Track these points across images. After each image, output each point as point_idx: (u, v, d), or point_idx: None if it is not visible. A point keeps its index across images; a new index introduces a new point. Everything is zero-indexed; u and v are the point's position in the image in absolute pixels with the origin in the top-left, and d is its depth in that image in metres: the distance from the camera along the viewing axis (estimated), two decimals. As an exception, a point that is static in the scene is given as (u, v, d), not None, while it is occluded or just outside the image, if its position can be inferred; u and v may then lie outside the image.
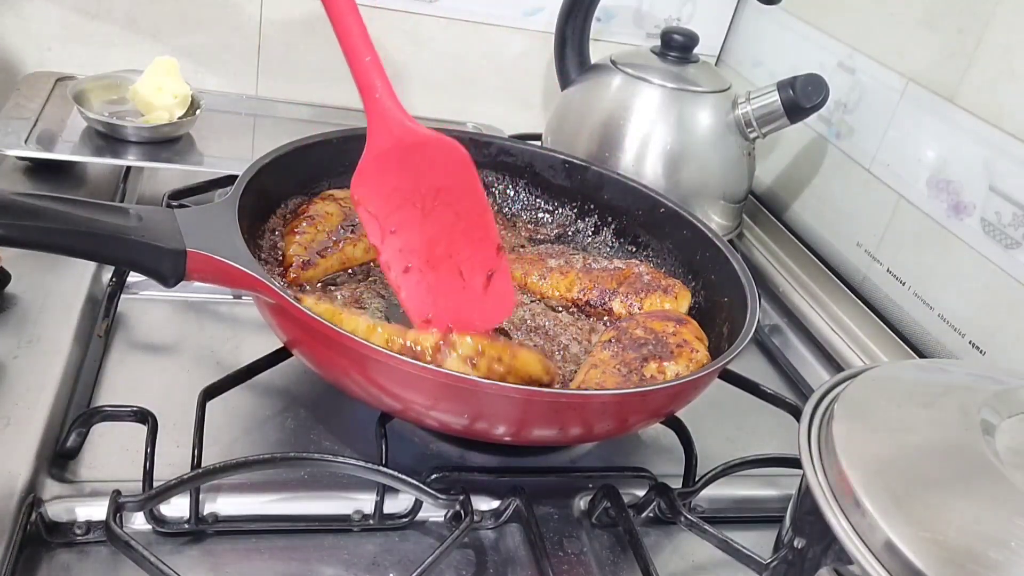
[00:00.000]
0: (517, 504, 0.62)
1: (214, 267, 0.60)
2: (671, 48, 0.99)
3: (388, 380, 0.58)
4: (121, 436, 0.62)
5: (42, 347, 0.67)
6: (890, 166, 0.94)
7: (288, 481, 0.62)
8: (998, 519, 0.42)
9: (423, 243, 0.65)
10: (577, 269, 0.80)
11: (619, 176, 0.88)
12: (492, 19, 1.15)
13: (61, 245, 0.56)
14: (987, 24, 0.83)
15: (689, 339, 0.70)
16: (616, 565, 0.62)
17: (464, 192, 0.65)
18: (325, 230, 0.75)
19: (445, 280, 0.66)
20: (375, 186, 0.64)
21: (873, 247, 0.95)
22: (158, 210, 0.63)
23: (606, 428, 0.63)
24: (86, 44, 1.04)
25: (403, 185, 0.64)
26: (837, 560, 0.45)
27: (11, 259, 0.74)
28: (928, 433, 0.48)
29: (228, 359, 0.73)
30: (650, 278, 0.79)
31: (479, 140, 0.90)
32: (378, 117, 0.63)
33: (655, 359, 0.67)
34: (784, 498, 0.68)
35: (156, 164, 0.90)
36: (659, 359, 0.67)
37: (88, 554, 0.55)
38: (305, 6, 1.07)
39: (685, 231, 0.82)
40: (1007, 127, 0.80)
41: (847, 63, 1.01)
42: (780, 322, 0.96)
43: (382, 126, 0.63)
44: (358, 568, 0.58)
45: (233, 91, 1.09)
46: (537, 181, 0.91)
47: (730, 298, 0.74)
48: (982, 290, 0.81)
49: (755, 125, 0.95)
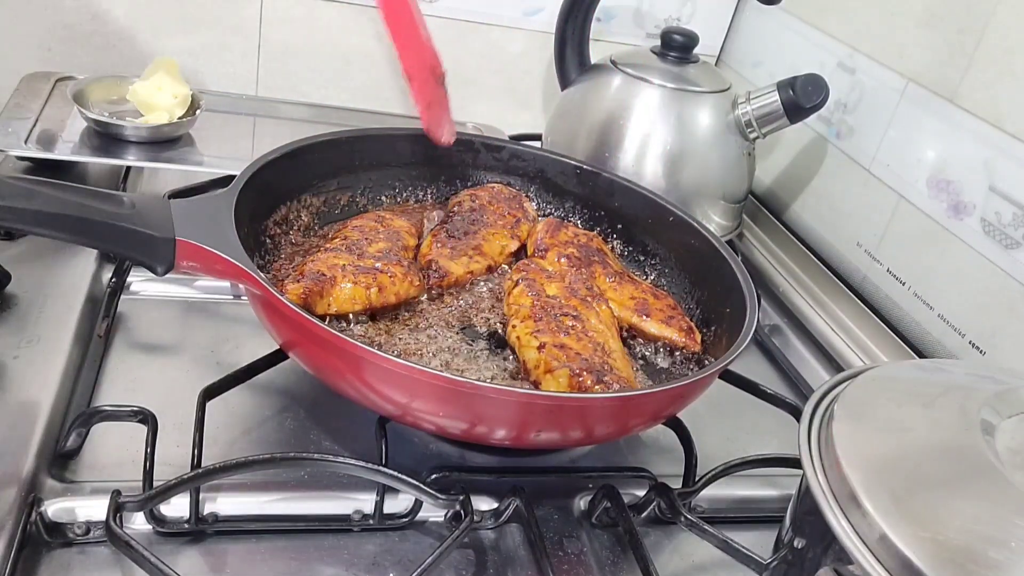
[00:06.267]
0: (517, 504, 0.62)
1: (204, 257, 0.60)
2: (671, 48, 0.99)
3: (383, 383, 0.58)
4: (121, 436, 0.62)
5: (42, 347, 0.67)
6: (890, 166, 0.94)
7: (288, 481, 0.62)
8: (998, 519, 0.42)
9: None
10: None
11: (630, 183, 0.88)
12: (492, 19, 1.15)
13: (52, 229, 0.56)
14: (987, 24, 0.83)
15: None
16: (616, 565, 0.62)
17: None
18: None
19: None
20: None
21: (873, 247, 0.95)
22: (152, 199, 0.63)
23: (606, 431, 0.63)
24: (86, 44, 1.04)
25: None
26: (837, 560, 0.45)
27: (11, 259, 0.74)
28: (928, 433, 0.48)
29: (228, 359, 0.73)
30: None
31: (490, 144, 0.90)
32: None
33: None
34: (784, 498, 0.68)
35: (156, 164, 0.90)
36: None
37: (88, 554, 0.55)
38: (305, 6, 1.07)
39: (693, 240, 0.82)
40: (1007, 127, 0.80)
41: (847, 63, 1.01)
42: (780, 322, 0.96)
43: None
44: (358, 568, 0.58)
45: (233, 91, 1.09)
46: (548, 186, 0.91)
47: (731, 306, 0.74)
48: (982, 290, 0.81)
49: (755, 125, 0.95)
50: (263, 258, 0.73)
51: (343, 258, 0.71)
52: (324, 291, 0.67)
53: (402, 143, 0.87)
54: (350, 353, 0.56)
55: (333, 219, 0.83)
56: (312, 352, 0.61)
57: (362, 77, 1.13)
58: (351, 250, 0.73)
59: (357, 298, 0.69)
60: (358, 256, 0.72)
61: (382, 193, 0.87)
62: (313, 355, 0.62)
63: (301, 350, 0.63)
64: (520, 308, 0.72)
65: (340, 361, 0.58)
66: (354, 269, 0.70)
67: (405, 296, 0.72)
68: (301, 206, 0.80)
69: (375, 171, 0.86)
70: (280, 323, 0.62)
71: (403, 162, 0.87)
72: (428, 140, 0.84)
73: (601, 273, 0.81)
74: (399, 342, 0.69)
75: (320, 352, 0.60)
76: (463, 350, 0.70)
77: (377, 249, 0.74)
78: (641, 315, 0.77)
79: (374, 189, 0.86)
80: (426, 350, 0.69)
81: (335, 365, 0.60)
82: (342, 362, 0.58)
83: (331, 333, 0.56)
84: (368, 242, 0.74)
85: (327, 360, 0.60)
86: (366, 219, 0.79)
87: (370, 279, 0.70)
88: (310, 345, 0.60)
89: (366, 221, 0.78)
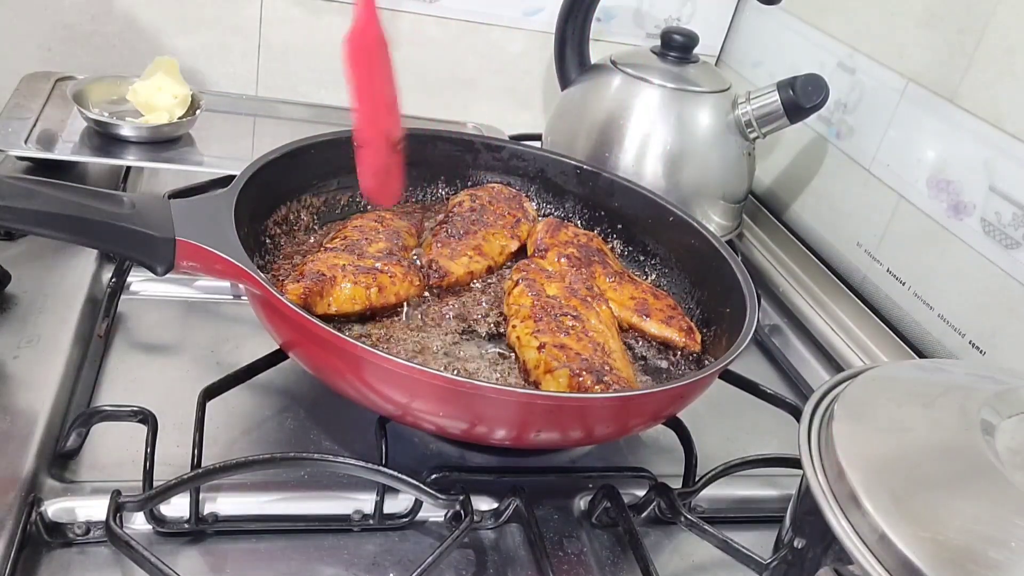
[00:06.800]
0: (517, 504, 0.62)
1: (204, 257, 0.60)
2: (671, 48, 0.99)
3: (383, 383, 0.58)
4: (121, 436, 0.62)
5: (42, 347, 0.67)
6: (890, 166, 0.94)
7: (288, 481, 0.61)
8: (998, 519, 0.42)
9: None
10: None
11: (630, 183, 0.88)
12: (492, 19, 1.15)
13: (52, 229, 0.56)
14: (987, 24, 0.83)
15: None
16: (616, 565, 0.62)
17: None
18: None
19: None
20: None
21: (873, 247, 0.95)
22: (152, 199, 0.63)
23: (606, 431, 0.63)
24: (86, 44, 1.04)
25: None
26: (837, 560, 0.45)
27: (11, 259, 0.74)
28: (928, 433, 0.48)
29: (228, 359, 0.73)
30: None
31: (490, 144, 0.90)
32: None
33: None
34: (784, 498, 0.68)
35: (156, 164, 0.90)
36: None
37: (88, 554, 0.55)
38: (305, 6, 1.07)
39: (693, 240, 0.82)
40: (1007, 127, 0.80)
41: (847, 63, 1.01)
42: (780, 322, 0.96)
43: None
44: (358, 568, 0.58)
45: (233, 91, 1.09)
46: (548, 186, 0.91)
47: (731, 306, 0.74)
48: (982, 290, 0.81)
49: (755, 125, 0.95)
50: (263, 258, 0.73)
51: (343, 258, 0.71)
52: (324, 291, 0.67)
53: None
54: (350, 353, 0.56)
55: (333, 219, 0.83)
56: (312, 352, 0.61)
57: (362, 77, 1.12)
58: (351, 250, 0.73)
59: (357, 298, 0.69)
60: (358, 256, 0.72)
61: (382, 193, 0.87)
62: (313, 355, 0.62)
63: (301, 350, 0.63)
64: (520, 308, 0.72)
65: (340, 361, 0.58)
66: (354, 269, 0.70)
67: (405, 296, 0.72)
68: (301, 206, 0.80)
69: (375, 171, 0.86)
70: (280, 323, 0.62)
71: (403, 162, 0.87)
72: (428, 140, 0.84)
73: (601, 273, 0.81)
74: (399, 342, 0.69)
75: (320, 352, 0.60)
76: (463, 350, 0.70)
77: (377, 249, 0.74)
78: (641, 315, 0.77)
79: (374, 189, 0.86)
80: (426, 350, 0.69)
81: (335, 365, 0.60)
82: (342, 362, 0.58)
83: (331, 333, 0.56)
84: (368, 242, 0.74)
85: (327, 360, 0.60)
86: (366, 219, 0.79)
87: (370, 279, 0.70)
88: (310, 345, 0.60)
89: (366, 221, 0.78)
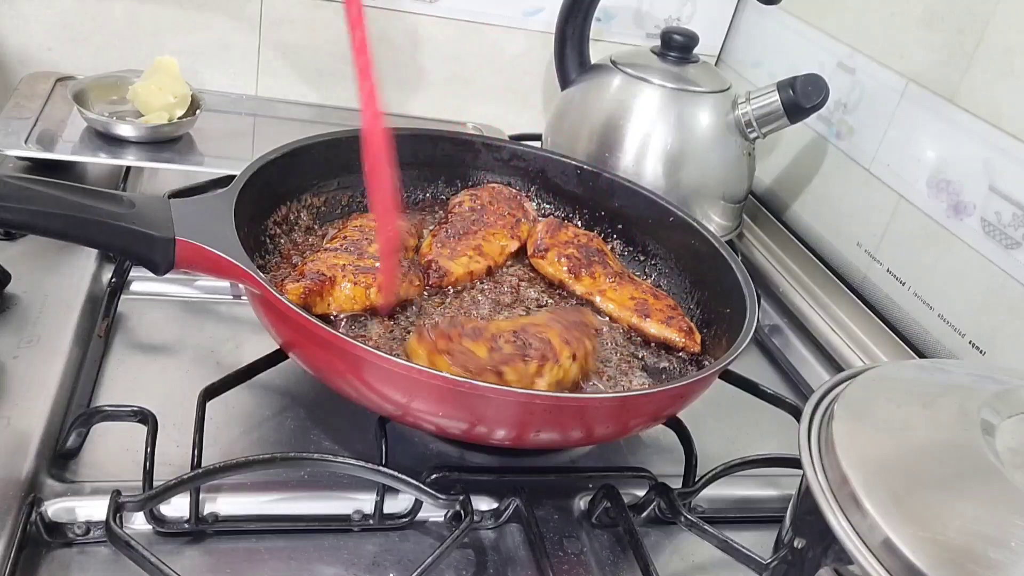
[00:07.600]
0: (517, 504, 0.62)
1: (204, 257, 0.60)
2: (671, 48, 0.99)
3: (383, 383, 0.58)
4: (121, 436, 0.62)
5: (42, 347, 0.67)
6: (890, 166, 0.94)
7: (288, 481, 0.62)
8: (998, 519, 0.42)
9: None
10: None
11: (630, 183, 0.88)
12: (492, 19, 1.15)
13: (51, 228, 0.56)
14: (987, 24, 0.83)
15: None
16: (616, 565, 0.62)
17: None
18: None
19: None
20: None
21: (873, 247, 0.95)
22: (152, 198, 0.63)
23: (606, 431, 0.63)
24: (86, 44, 1.04)
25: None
26: (837, 560, 0.45)
27: (11, 259, 0.74)
28: (928, 433, 0.48)
29: (228, 359, 0.73)
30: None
31: (490, 144, 0.90)
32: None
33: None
34: (784, 498, 0.68)
35: (156, 164, 0.90)
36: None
37: (88, 554, 0.55)
38: (305, 6, 1.07)
39: (693, 240, 0.82)
40: (1007, 127, 0.80)
41: (847, 63, 1.01)
42: (780, 322, 0.96)
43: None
44: (358, 568, 0.58)
45: (233, 91, 1.09)
46: (548, 186, 0.91)
47: (731, 306, 0.74)
48: (982, 290, 0.81)
49: (755, 125, 0.95)
50: (263, 258, 0.73)
51: (343, 258, 0.71)
52: (324, 291, 0.67)
53: (402, 143, 0.86)
54: (350, 353, 0.56)
55: (333, 219, 0.83)
56: (312, 352, 0.61)
57: (362, 77, 1.12)
58: (351, 250, 0.73)
59: (357, 298, 0.69)
60: (358, 256, 0.72)
61: (382, 193, 0.87)
62: (313, 355, 0.62)
63: (301, 350, 0.63)
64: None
65: (340, 361, 0.58)
66: (354, 269, 0.70)
67: (405, 296, 0.72)
68: (301, 206, 0.80)
69: (375, 171, 0.85)
70: (280, 323, 0.62)
71: (403, 162, 0.87)
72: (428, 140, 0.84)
73: (601, 273, 0.81)
74: (399, 342, 0.69)
75: (320, 352, 0.60)
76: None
77: (377, 249, 0.74)
78: (641, 315, 0.77)
79: (374, 189, 0.86)
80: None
81: (335, 365, 0.60)
82: (342, 362, 0.58)
83: (331, 333, 0.56)
84: (368, 242, 0.74)
85: (327, 360, 0.60)
86: (366, 219, 0.79)
87: (370, 279, 0.69)
88: (310, 345, 0.60)
89: (366, 221, 0.78)
